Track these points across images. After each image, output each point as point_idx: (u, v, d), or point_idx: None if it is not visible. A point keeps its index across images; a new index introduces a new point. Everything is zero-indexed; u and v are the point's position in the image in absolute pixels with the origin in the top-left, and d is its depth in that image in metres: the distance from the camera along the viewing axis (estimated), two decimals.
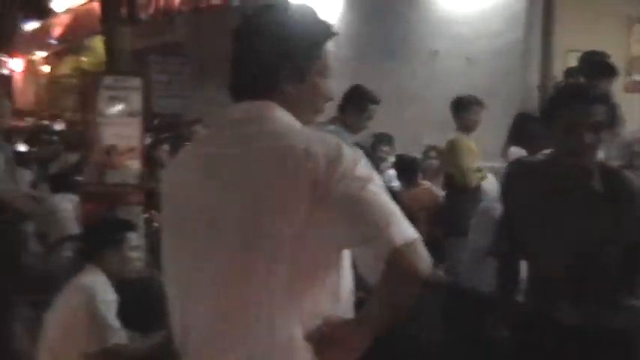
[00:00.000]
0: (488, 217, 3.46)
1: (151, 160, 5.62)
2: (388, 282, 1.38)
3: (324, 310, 1.46)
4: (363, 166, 1.46)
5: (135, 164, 4.86)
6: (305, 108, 1.61)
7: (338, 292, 1.50)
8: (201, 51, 11.92)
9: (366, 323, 1.43)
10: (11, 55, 20.41)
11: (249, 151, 1.50)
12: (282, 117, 1.56)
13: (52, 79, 18.89)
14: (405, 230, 1.40)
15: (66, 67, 17.77)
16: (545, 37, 6.27)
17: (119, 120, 4.85)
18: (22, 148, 8.71)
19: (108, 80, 4.89)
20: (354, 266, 1.54)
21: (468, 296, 3.40)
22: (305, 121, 1.61)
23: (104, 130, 4.84)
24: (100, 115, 4.85)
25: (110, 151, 4.82)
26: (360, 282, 1.53)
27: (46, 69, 21.42)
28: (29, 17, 15.18)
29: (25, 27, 15.70)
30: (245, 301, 1.45)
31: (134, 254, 3.49)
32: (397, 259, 1.36)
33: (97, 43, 15.28)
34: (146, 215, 5.52)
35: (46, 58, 20.13)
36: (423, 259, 1.39)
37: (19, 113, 17.79)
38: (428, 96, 6.87)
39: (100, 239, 3.46)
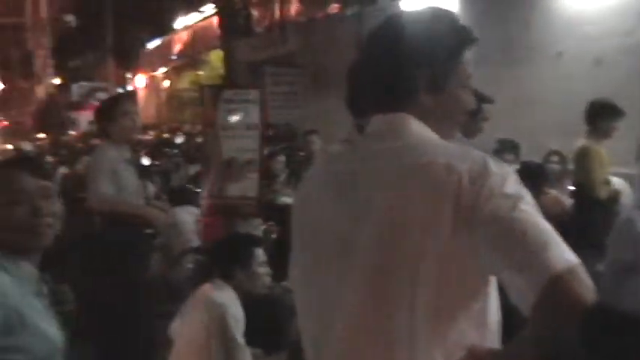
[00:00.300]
0: (628, 229, 3.19)
1: (266, 172, 5.67)
2: (546, 313, 1.23)
3: (469, 339, 1.34)
4: (513, 183, 1.33)
5: (254, 176, 4.89)
6: (443, 120, 1.50)
7: (484, 321, 1.38)
8: (314, 61, 12.05)
9: (516, 357, 1.29)
10: (135, 73, 21.54)
11: (384, 169, 1.41)
12: (420, 130, 1.44)
13: (172, 94, 19.69)
14: (564, 254, 1.24)
15: (184, 81, 18.52)
16: None
17: (238, 132, 4.90)
18: (145, 161, 9.06)
19: (227, 94, 4.96)
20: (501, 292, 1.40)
21: (612, 316, 3.13)
22: (443, 135, 1.48)
23: (224, 143, 4.91)
24: (220, 127, 4.92)
25: (230, 163, 4.88)
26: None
27: (166, 84, 22.50)
28: (152, 36, 15.91)
29: (147, 45, 16.47)
30: (385, 325, 1.36)
31: (262, 270, 3.49)
32: (557, 287, 1.21)
33: (213, 57, 15.90)
34: (264, 227, 5.56)
35: (166, 73, 21.09)
36: (587, 286, 1.23)
37: (143, 127, 18.73)
38: (551, 99, 6.53)
39: (229, 255, 3.47)
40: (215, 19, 9.31)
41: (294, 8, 6.28)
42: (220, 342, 3.13)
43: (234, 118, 4.89)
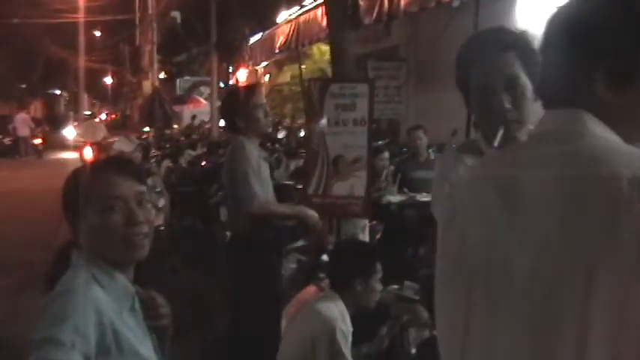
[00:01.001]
0: None
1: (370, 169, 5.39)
2: None
3: None
4: None
5: (362, 175, 4.62)
6: (628, 121, 1.18)
7: None
8: (418, 54, 11.65)
9: None
10: (238, 67, 21.82)
11: (555, 178, 1.12)
12: (599, 132, 1.15)
13: (273, 88, 19.78)
14: None
15: (285, 75, 18.52)
16: None
17: (346, 128, 4.64)
18: None
19: (334, 87, 4.70)
20: None
21: None
22: (628, 139, 1.17)
23: (330, 139, 4.66)
24: (327, 123, 4.68)
25: (337, 161, 4.64)
26: None
27: (266, 78, 22.62)
28: (255, 30, 15.97)
29: (251, 39, 16.56)
30: None
31: (379, 286, 3.25)
32: None
33: (315, 50, 15.76)
34: (368, 226, 5.30)
35: (267, 67, 21.19)
36: None
37: None
38: None
39: (350, 266, 3.25)
40: (320, 11, 9.12)
41: None
42: (326, 356, 2.94)
43: (342, 113, 4.64)
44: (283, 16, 13.07)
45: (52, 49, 34.27)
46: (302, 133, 13.00)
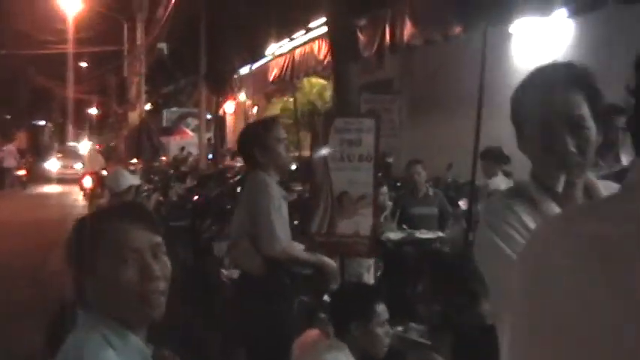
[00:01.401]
0: None
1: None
2: None
3: None
4: None
5: (367, 212, 4.43)
6: None
7: None
8: (413, 88, 11.59)
9: None
10: (226, 99, 21.69)
11: None
12: None
13: None
14: None
15: (275, 108, 18.39)
16: None
17: (351, 164, 4.46)
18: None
19: (339, 122, 4.53)
20: None
21: None
22: None
23: (335, 175, 4.48)
24: (331, 159, 4.50)
25: (342, 198, 4.45)
26: None
27: (254, 111, 22.49)
28: (245, 61, 15.89)
29: (240, 71, 16.48)
30: None
31: (382, 330, 3.04)
32: None
33: (305, 83, 15.68)
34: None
35: (254, 99, 21.06)
36: None
37: (232, 154, 18.75)
38: None
39: (345, 309, 3.06)
40: (316, 44, 9.03)
41: (407, 31, 5.87)
42: None
43: (347, 149, 4.46)
44: (273, 48, 13.01)
45: (38, 80, 34.07)
46: (293, 167, 12.84)
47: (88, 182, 18.99)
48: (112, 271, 1.50)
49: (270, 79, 11.95)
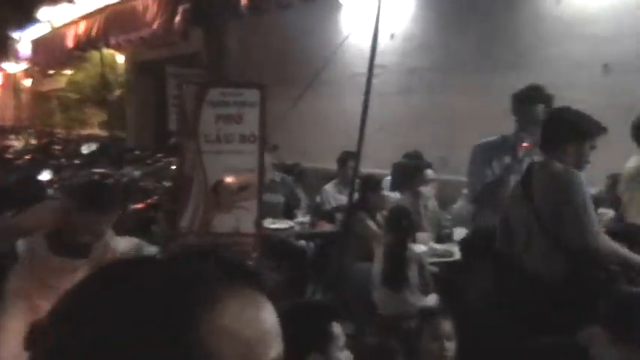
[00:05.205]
0: None
1: None
2: None
3: None
4: None
5: (252, 205, 3.59)
6: None
7: None
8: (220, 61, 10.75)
9: None
10: None
11: None
12: None
13: (40, 95, 17.60)
14: None
15: (56, 82, 16.35)
16: None
17: (230, 146, 3.58)
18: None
19: (214, 93, 3.62)
20: None
21: None
22: None
23: (209, 160, 3.58)
24: (204, 139, 3.59)
25: (218, 188, 3.57)
26: None
27: (27, 83, 19.91)
28: (20, 26, 13.84)
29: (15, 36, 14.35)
30: None
31: (344, 355, 2.32)
32: None
33: (95, 54, 13.97)
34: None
35: (27, 71, 18.58)
36: None
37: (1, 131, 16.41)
38: None
39: (299, 338, 2.25)
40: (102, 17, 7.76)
41: None
42: None
43: (224, 127, 3.57)
44: (50, 12, 11.32)
45: None
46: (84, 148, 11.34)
47: None
48: None
49: (56, 50, 10.31)
